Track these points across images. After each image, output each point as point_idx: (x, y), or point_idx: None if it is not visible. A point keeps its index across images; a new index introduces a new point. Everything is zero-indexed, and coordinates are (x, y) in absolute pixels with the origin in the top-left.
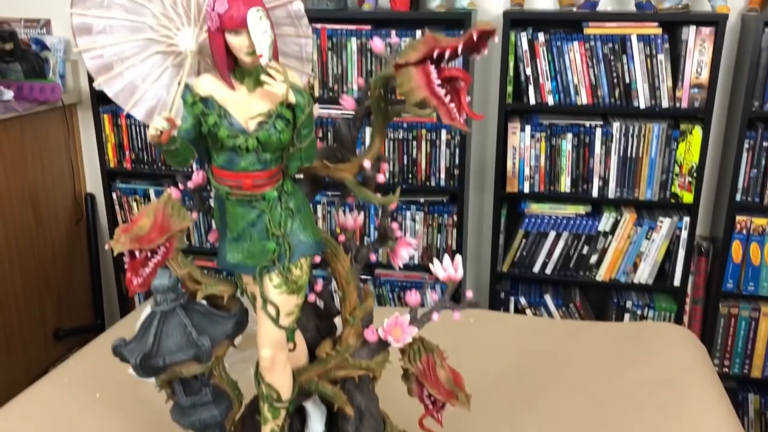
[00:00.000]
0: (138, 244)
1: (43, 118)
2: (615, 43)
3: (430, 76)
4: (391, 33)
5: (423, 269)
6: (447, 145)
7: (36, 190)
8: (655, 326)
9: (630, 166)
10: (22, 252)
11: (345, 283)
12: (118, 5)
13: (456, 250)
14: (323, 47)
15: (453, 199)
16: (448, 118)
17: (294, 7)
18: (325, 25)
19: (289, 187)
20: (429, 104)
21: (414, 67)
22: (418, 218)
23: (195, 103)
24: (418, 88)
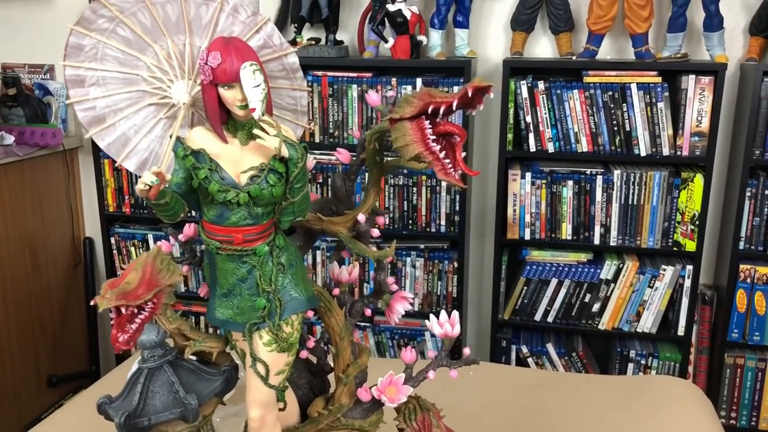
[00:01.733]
0: (124, 300)
1: (44, 163)
2: (615, 91)
3: (425, 131)
4: (392, 81)
5: (423, 317)
6: (447, 192)
7: (34, 234)
8: (660, 380)
9: (632, 213)
10: (18, 296)
11: (338, 339)
12: (111, 58)
13: (456, 297)
14: (324, 94)
15: (453, 245)
16: (443, 173)
17: (289, 60)
18: (327, 72)
19: (281, 241)
20: (424, 159)
21: (409, 122)
22: (418, 264)
23: (186, 156)
24: (413, 143)
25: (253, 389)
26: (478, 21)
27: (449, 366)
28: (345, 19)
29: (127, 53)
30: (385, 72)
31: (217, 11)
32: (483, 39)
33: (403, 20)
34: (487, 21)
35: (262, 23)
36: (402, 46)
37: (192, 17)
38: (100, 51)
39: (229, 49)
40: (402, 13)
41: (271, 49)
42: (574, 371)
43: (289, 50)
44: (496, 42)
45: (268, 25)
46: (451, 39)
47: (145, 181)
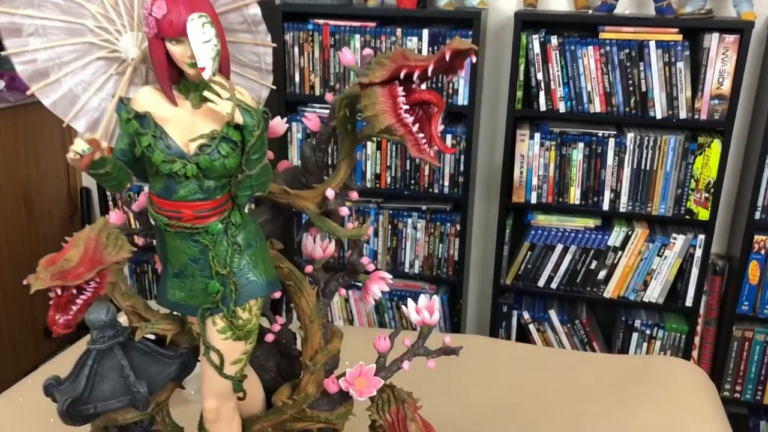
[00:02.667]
0: (62, 279)
1: (38, 109)
2: (632, 49)
3: (397, 99)
4: (397, 32)
5: (423, 279)
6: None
7: (29, 184)
8: (662, 361)
9: (643, 179)
10: (13, 247)
11: (308, 322)
12: (51, 4)
13: (458, 260)
14: (325, 44)
15: (456, 207)
16: (415, 149)
17: (250, 11)
18: (328, 21)
19: (237, 218)
20: (395, 132)
21: (380, 88)
22: (419, 226)
23: (129, 120)
24: (383, 113)
25: (208, 379)
26: None
27: (427, 355)
28: None
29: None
30: (389, 22)
31: None
32: None
33: None
34: None
35: None
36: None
37: None
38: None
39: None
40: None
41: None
42: (577, 339)
43: (249, 0)
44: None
45: None
46: None
47: (75, 149)
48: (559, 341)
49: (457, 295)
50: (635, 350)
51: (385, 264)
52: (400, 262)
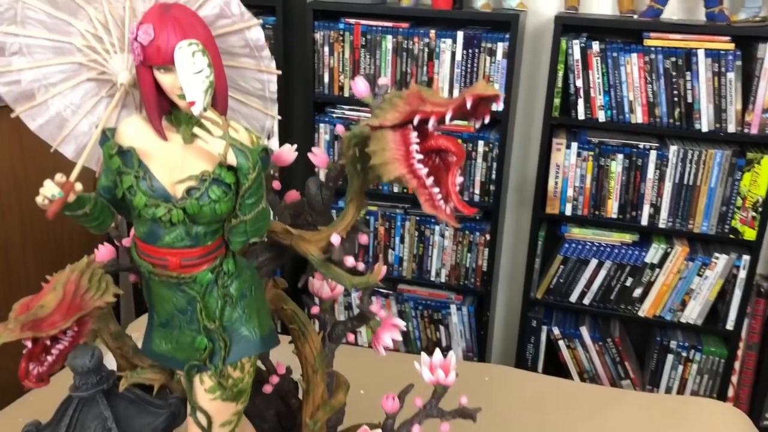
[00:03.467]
0: (33, 330)
1: None
2: (679, 57)
3: (410, 146)
4: (430, 33)
5: (449, 288)
6: (484, 158)
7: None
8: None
9: (686, 194)
10: (38, 239)
11: (311, 372)
12: (35, 21)
13: (486, 271)
14: (356, 44)
15: (487, 216)
16: (429, 205)
17: (252, 34)
18: (360, 20)
19: (230, 266)
20: (407, 183)
21: (391, 132)
22: (447, 234)
23: (112, 156)
24: (394, 161)
25: None
26: None
27: (440, 417)
28: None
29: (55, 17)
30: (423, 23)
31: None
32: None
33: None
34: None
35: None
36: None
37: None
38: (20, 12)
39: (165, 22)
40: None
41: (230, 20)
42: (609, 358)
43: (252, 22)
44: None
45: None
46: None
47: (44, 193)
48: (590, 359)
49: (485, 308)
50: (670, 372)
51: (411, 271)
52: (426, 270)
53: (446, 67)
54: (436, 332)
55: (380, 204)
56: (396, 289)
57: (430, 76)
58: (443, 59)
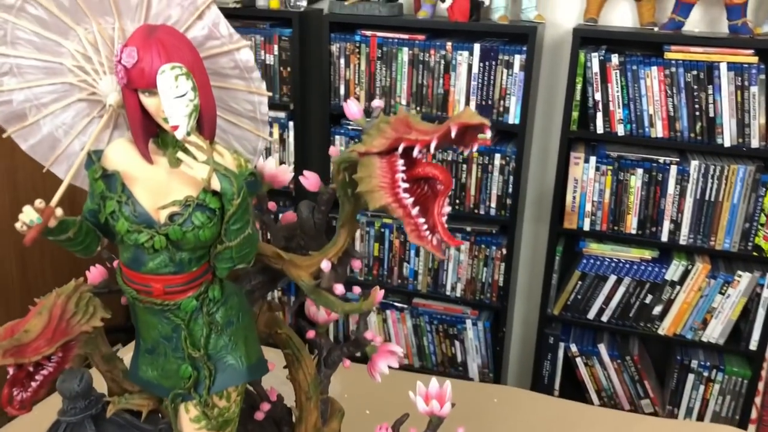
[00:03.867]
0: (16, 356)
1: None
2: (700, 70)
3: (396, 175)
4: (447, 45)
5: (465, 303)
6: (500, 171)
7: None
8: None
9: (707, 210)
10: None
11: (304, 399)
12: (25, 41)
13: (503, 286)
14: (372, 56)
15: (503, 230)
16: (414, 236)
17: (242, 56)
18: (376, 32)
19: (216, 292)
20: (392, 213)
21: (378, 159)
22: (463, 248)
23: (97, 179)
24: (379, 189)
25: None
26: None
27: None
28: None
29: (45, 37)
30: (440, 35)
31: None
32: (553, 2)
33: None
34: None
35: (204, 7)
36: (460, 6)
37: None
38: (10, 33)
39: (149, 44)
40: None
41: (219, 41)
42: (627, 376)
43: (241, 44)
44: (569, 6)
45: (211, 10)
46: (517, 1)
47: (23, 218)
48: (608, 377)
49: (501, 323)
50: (691, 392)
51: (426, 285)
52: (441, 284)
53: (463, 80)
54: (452, 347)
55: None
56: (411, 303)
57: (446, 88)
58: (460, 71)
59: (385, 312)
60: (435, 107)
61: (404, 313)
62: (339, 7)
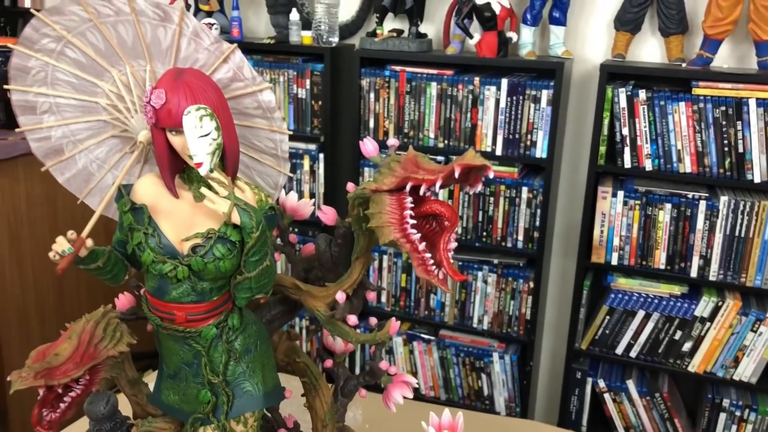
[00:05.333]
0: (46, 378)
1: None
2: (729, 106)
3: (404, 211)
4: (475, 80)
5: (492, 336)
6: (528, 204)
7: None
8: None
9: (738, 246)
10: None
11: (321, 426)
12: (64, 82)
13: (530, 319)
14: (401, 91)
15: (531, 263)
16: (421, 269)
17: (264, 97)
18: (405, 67)
19: (235, 321)
20: (400, 248)
21: (388, 196)
22: (490, 281)
23: (125, 212)
24: (388, 225)
25: None
26: (578, 18)
27: None
28: (431, 10)
29: (82, 78)
30: (468, 70)
31: (176, 35)
32: (581, 38)
33: (491, 14)
34: (588, 18)
35: (229, 52)
36: (488, 42)
37: (150, 40)
38: (50, 74)
39: (177, 86)
40: (490, 7)
41: (242, 83)
42: (657, 414)
43: (263, 86)
44: (596, 42)
45: (236, 55)
46: (545, 37)
47: (56, 248)
48: (637, 414)
49: (528, 357)
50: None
51: (453, 317)
52: (468, 317)
53: (490, 114)
54: (478, 380)
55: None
56: (438, 334)
57: (473, 122)
58: (487, 106)
59: (412, 343)
60: (462, 140)
61: (431, 344)
62: (370, 43)
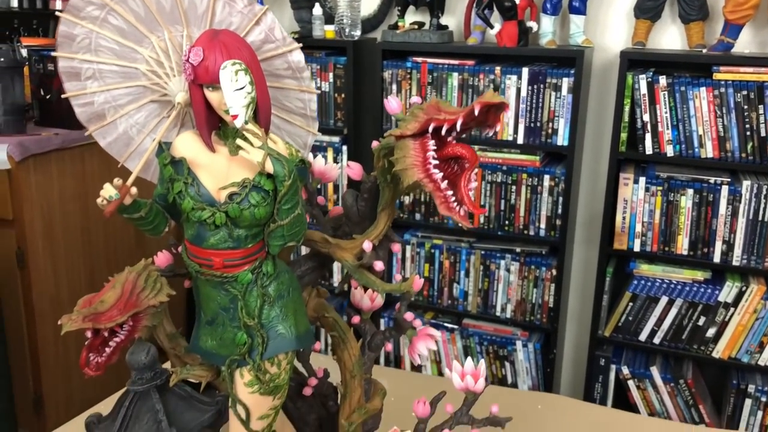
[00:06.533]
0: (93, 322)
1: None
2: (750, 90)
3: (427, 153)
4: (496, 70)
5: (515, 324)
6: (550, 192)
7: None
8: None
9: (761, 230)
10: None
11: (349, 377)
12: (106, 49)
13: (553, 307)
14: (423, 82)
15: (553, 251)
16: (443, 207)
17: (294, 57)
18: (427, 58)
19: (269, 268)
20: (424, 187)
21: (411, 141)
22: (513, 269)
23: (166, 165)
24: (413, 167)
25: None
26: (598, 7)
27: (471, 424)
28: (451, 2)
29: (123, 44)
30: (489, 60)
31: (212, 0)
32: (602, 26)
33: (511, 4)
34: (608, 7)
35: (261, 14)
36: (509, 32)
37: (187, 6)
38: (94, 41)
39: (213, 45)
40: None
41: (274, 44)
42: (681, 401)
43: (293, 46)
44: (617, 30)
45: (267, 16)
46: (565, 26)
47: (103, 194)
48: (661, 401)
49: (552, 345)
50: (748, 418)
51: (476, 306)
52: (491, 305)
53: (511, 102)
54: (502, 368)
55: (445, 238)
56: (461, 323)
57: None
58: (508, 95)
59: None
60: None
61: (454, 333)
62: (391, 35)
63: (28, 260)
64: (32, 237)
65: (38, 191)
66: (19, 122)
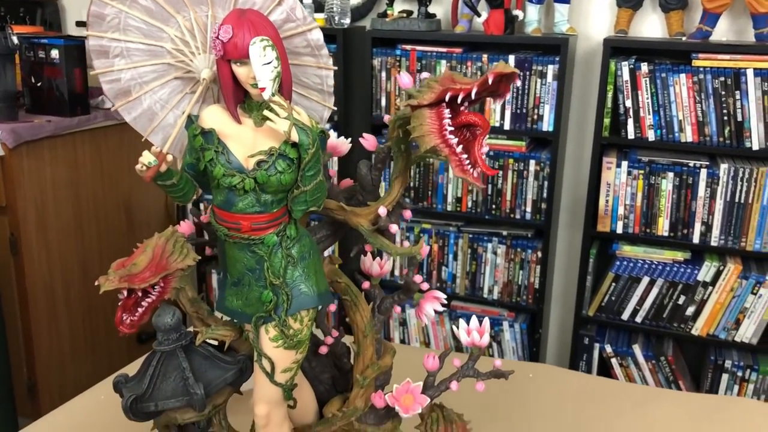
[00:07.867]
0: (128, 282)
1: None
2: (727, 77)
3: (443, 121)
4: (483, 57)
5: (502, 305)
6: (535, 177)
7: (130, 196)
8: (740, 403)
9: (737, 212)
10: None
11: (362, 337)
12: (134, 28)
13: (538, 288)
14: (412, 69)
15: (538, 234)
16: (459, 170)
17: (313, 35)
18: (416, 46)
19: (292, 231)
20: (440, 153)
21: (428, 110)
22: (499, 252)
23: (196, 135)
24: (430, 134)
25: (260, 385)
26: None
27: (476, 377)
28: None
29: (150, 24)
30: (476, 48)
31: None
32: (585, 15)
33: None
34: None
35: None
36: (495, 20)
37: None
38: (123, 21)
39: (241, 23)
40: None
41: (294, 24)
42: (662, 377)
43: (313, 25)
44: (600, 19)
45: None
46: (550, 14)
47: (142, 161)
48: (643, 377)
49: (537, 325)
50: (725, 392)
51: (464, 288)
52: (479, 287)
53: None
54: (489, 348)
55: (434, 222)
56: (449, 305)
57: None
58: None
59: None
60: None
61: (443, 315)
62: (380, 23)
63: (22, 246)
64: (25, 223)
65: (31, 178)
66: (11, 109)
